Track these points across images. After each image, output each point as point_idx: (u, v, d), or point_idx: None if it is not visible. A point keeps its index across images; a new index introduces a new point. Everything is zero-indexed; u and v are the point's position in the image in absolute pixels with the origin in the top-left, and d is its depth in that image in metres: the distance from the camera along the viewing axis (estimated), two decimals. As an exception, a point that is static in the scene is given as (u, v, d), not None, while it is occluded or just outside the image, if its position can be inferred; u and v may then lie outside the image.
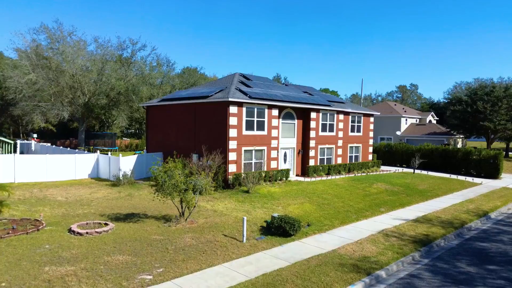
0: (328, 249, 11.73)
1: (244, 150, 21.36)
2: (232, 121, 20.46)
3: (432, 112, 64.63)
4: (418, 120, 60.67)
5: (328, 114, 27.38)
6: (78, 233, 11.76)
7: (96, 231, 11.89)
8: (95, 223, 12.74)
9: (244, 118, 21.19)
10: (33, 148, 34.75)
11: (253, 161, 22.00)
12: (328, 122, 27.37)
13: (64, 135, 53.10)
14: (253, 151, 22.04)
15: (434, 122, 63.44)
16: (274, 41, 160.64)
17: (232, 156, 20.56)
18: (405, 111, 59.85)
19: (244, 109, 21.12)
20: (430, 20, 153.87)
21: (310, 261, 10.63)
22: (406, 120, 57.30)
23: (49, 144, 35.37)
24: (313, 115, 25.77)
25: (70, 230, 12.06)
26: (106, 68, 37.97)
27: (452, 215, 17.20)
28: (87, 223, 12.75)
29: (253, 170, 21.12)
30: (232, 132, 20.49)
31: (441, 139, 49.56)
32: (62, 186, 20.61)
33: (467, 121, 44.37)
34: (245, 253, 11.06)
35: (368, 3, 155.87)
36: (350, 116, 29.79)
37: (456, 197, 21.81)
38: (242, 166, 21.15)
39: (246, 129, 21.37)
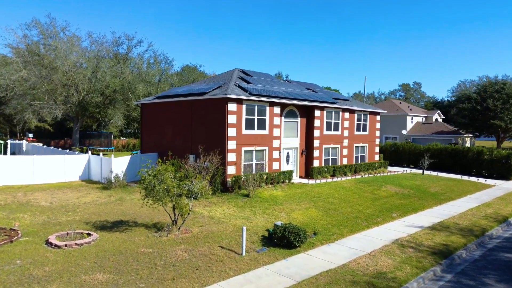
0: (338, 263, 10.49)
1: (244, 151, 20.06)
2: (231, 119, 19.15)
3: (439, 111, 63.17)
4: (424, 118, 59.31)
5: (333, 112, 26.05)
6: (55, 245, 10.54)
7: (76, 243, 10.66)
8: (77, 233, 11.49)
9: (244, 116, 19.87)
10: (24, 148, 33.55)
11: (254, 162, 20.70)
12: (333, 121, 26.05)
13: (61, 135, 52.08)
14: (254, 152, 20.73)
15: (440, 120, 62.03)
16: (274, 39, 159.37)
17: (231, 157, 19.26)
18: (410, 110, 58.51)
19: (243, 106, 19.81)
20: (432, 18, 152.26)
21: (318, 279, 9.34)
22: (412, 118, 55.96)
23: (41, 144, 34.13)
24: (317, 113, 24.45)
25: (48, 242, 10.85)
26: (101, 65, 36.63)
27: (471, 221, 16.01)
28: (67, 234, 11.50)
29: (253, 172, 19.82)
30: (231, 131, 19.19)
31: (449, 139, 48.19)
32: (50, 189, 19.39)
33: (476, 119, 43.02)
34: (244, 268, 9.78)
35: (370, 1, 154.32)
36: (355, 114, 28.46)
37: (471, 201, 20.60)
38: (242, 168, 19.84)
39: (246, 128, 20.05)
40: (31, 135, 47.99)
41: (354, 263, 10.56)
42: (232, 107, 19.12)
